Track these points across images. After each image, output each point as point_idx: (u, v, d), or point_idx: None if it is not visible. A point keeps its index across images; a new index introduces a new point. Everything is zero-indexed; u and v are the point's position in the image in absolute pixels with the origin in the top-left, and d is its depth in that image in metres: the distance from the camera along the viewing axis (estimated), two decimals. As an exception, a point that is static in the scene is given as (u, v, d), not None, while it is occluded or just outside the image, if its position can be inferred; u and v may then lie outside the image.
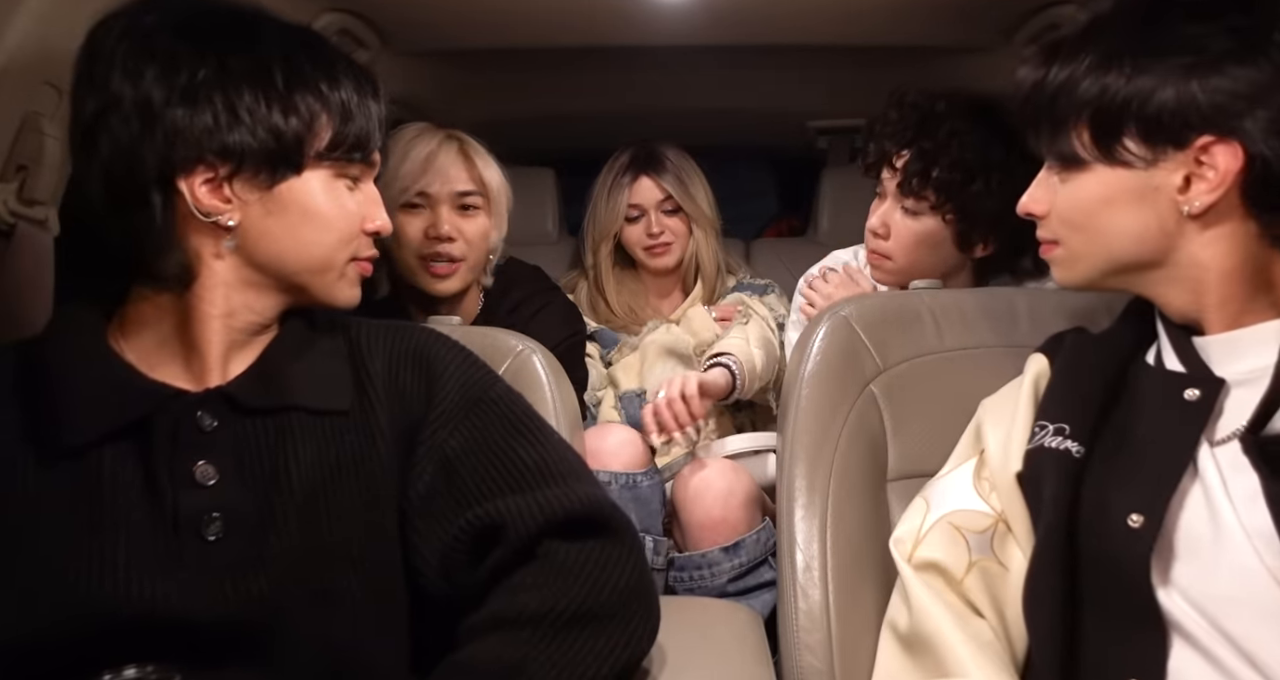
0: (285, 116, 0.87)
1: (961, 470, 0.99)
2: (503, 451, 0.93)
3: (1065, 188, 0.90)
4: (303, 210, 0.90)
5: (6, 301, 1.14)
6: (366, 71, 0.94)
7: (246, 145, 0.85)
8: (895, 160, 1.51)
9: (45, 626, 0.81)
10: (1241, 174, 0.82)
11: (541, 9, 1.69)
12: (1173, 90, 0.82)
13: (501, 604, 0.85)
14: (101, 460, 0.85)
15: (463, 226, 1.57)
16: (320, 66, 0.90)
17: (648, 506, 1.55)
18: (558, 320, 1.67)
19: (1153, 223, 0.86)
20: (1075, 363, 0.96)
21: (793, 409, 1.12)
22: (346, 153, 0.91)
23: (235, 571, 0.83)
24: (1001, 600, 0.92)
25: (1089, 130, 0.86)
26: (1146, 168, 0.85)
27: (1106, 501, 0.87)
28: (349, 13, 1.67)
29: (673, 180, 1.96)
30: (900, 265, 1.54)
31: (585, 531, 0.89)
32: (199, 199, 0.86)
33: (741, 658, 1.03)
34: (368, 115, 0.92)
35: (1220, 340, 0.88)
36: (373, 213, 0.95)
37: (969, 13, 1.67)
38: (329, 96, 0.89)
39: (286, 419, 0.90)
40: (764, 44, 1.91)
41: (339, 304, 0.95)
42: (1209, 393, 0.86)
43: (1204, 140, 0.82)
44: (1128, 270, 0.90)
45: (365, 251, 0.95)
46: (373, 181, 0.96)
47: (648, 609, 0.89)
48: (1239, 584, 0.81)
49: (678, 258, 2.00)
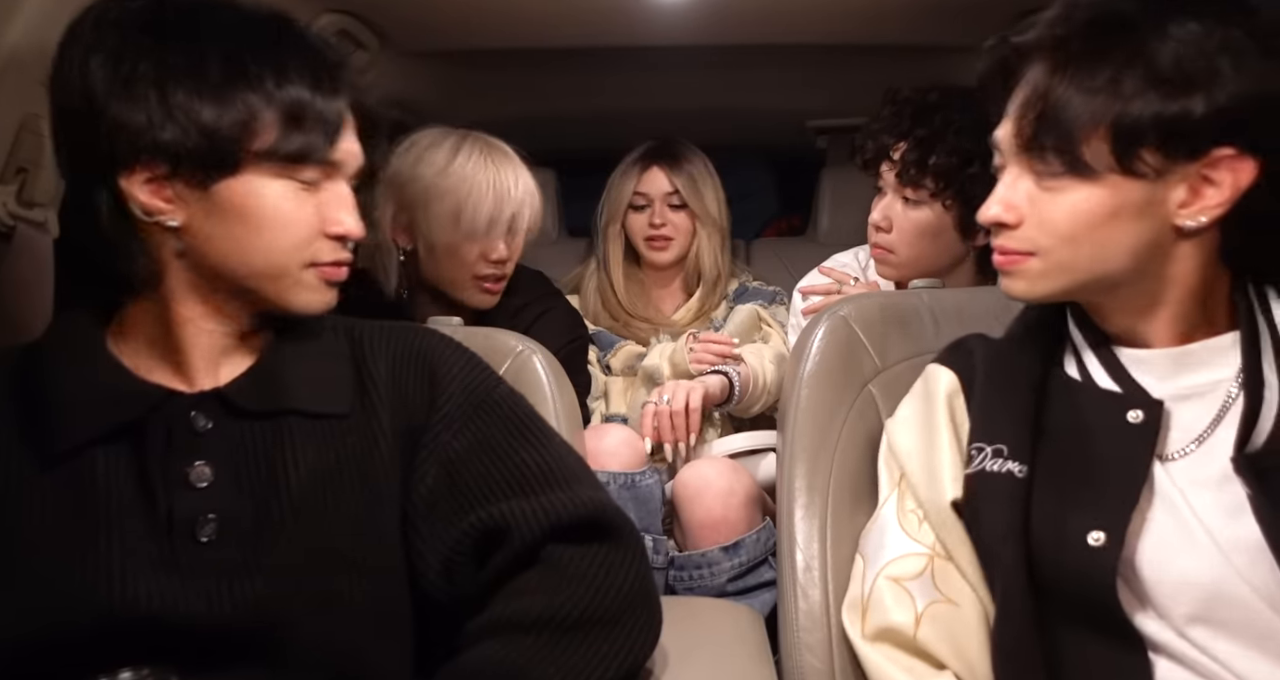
0: (219, 114, 0.82)
1: (885, 511, 0.97)
2: (506, 454, 0.92)
3: (1060, 198, 0.84)
4: (242, 213, 0.85)
5: (6, 303, 1.14)
6: (333, 67, 0.88)
7: (179, 144, 0.81)
8: (893, 153, 1.53)
9: (40, 628, 0.81)
10: (1248, 190, 0.80)
11: (541, 9, 1.69)
12: (1195, 102, 0.78)
13: (504, 608, 0.85)
14: (95, 462, 0.85)
15: (514, 246, 1.59)
16: (271, 61, 0.84)
17: (646, 506, 1.55)
18: (559, 326, 1.67)
19: (1147, 236, 0.83)
20: (998, 377, 0.93)
21: (792, 408, 1.12)
22: (295, 155, 0.85)
23: (231, 574, 0.83)
24: (959, 638, 0.90)
25: (1109, 141, 0.81)
26: (1155, 179, 0.81)
27: (1062, 522, 0.85)
28: (348, 13, 1.67)
29: (683, 176, 1.97)
30: (904, 258, 1.55)
31: (589, 536, 0.88)
32: (140, 199, 0.83)
33: (742, 657, 1.03)
34: (322, 115, 0.86)
35: (1163, 355, 0.87)
36: (336, 216, 0.89)
37: (968, 12, 1.67)
38: (275, 94, 0.83)
39: (285, 422, 0.89)
40: (763, 44, 1.91)
41: (302, 311, 0.90)
42: (1151, 415, 0.85)
43: (1220, 153, 0.79)
44: (1103, 284, 0.87)
45: (327, 256, 0.89)
46: (344, 180, 0.90)
47: (650, 613, 0.89)
48: (1214, 599, 0.81)
49: (677, 254, 2.00)
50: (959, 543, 0.91)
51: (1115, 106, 0.80)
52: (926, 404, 0.97)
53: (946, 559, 0.92)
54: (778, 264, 2.36)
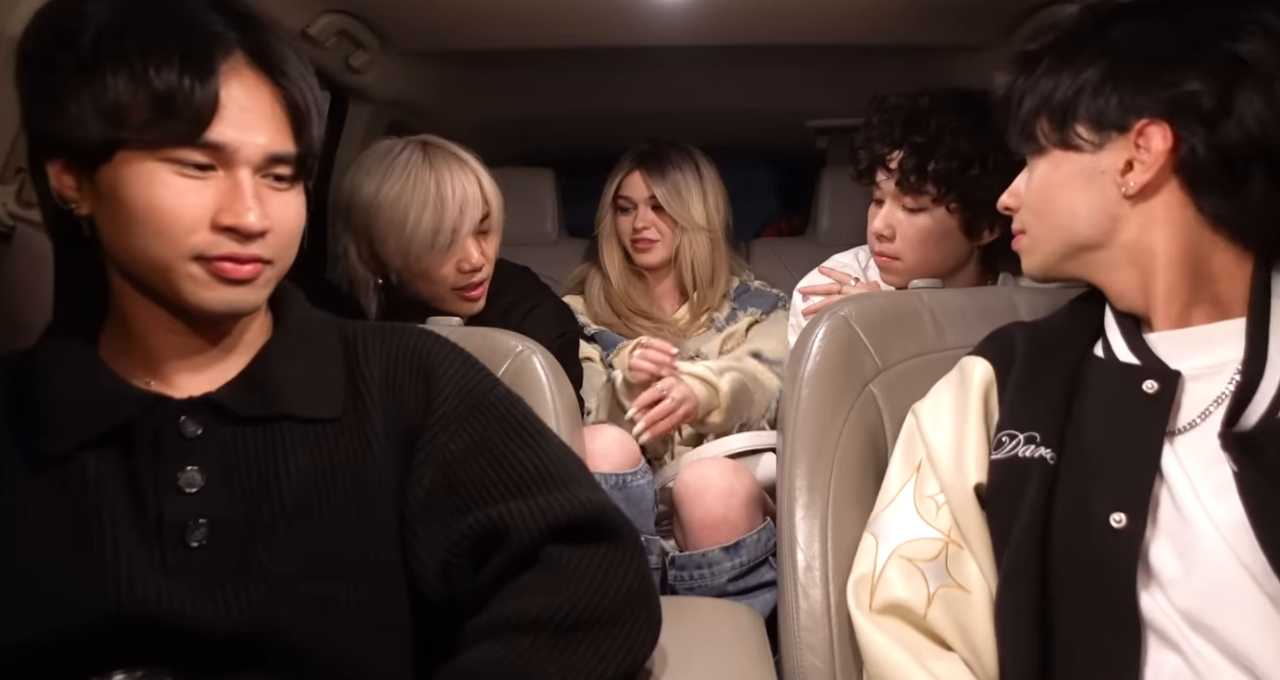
0: (91, 97, 0.80)
1: (901, 497, 0.98)
2: (503, 456, 0.92)
3: (1031, 177, 0.99)
4: (121, 201, 0.82)
5: (6, 303, 1.15)
6: (208, 48, 0.82)
7: (64, 131, 0.81)
8: (889, 161, 1.52)
9: (32, 633, 0.80)
10: (1172, 154, 0.89)
11: (541, 9, 1.69)
12: (1115, 81, 0.91)
13: (503, 609, 0.85)
14: (85, 467, 0.85)
15: (486, 250, 1.56)
16: (143, 39, 0.81)
17: (639, 506, 1.54)
18: (549, 321, 1.67)
19: (1098, 203, 0.93)
20: (1035, 366, 0.96)
21: (793, 408, 1.12)
22: (169, 138, 0.81)
23: (224, 578, 0.83)
24: (967, 625, 0.91)
25: (1047, 119, 0.95)
26: (1094, 151, 0.93)
27: (1086, 503, 0.87)
28: (348, 14, 1.67)
29: (665, 183, 1.95)
30: (910, 264, 1.55)
31: (587, 536, 0.88)
32: (55, 188, 0.84)
33: (742, 658, 1.03)
34: (200, 99, 0.81)
35: (1167, 337, 0.92)
36: (230, 205, 0.83)
37: (968, 12, 1.67)
38: (147, 77, 0.79)
39: (278, 426, 0.89)
40: (763, 44, 1.91)
41: (202, 309, 0.85)
42: (1167, 385, 0.88)
43: (1140, 123, 0.89)
44: (1079, 253, 0.96)
45: (217, 249, 0.83)
46: (246, 170, 0.84)
47: (650, 613, 0.89)
48: (1213, 578, 0.82)
49: (663, 256, 2.00)
50: (977, 529, 0.93)
51: (1049, 92, 0.95)
52: (961, 392, 0.99)
53: (961, 546, 0.93)
54: (778, 264, 2.36)
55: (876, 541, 0.98)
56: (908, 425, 1.03)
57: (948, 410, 0.99)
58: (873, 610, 0.94)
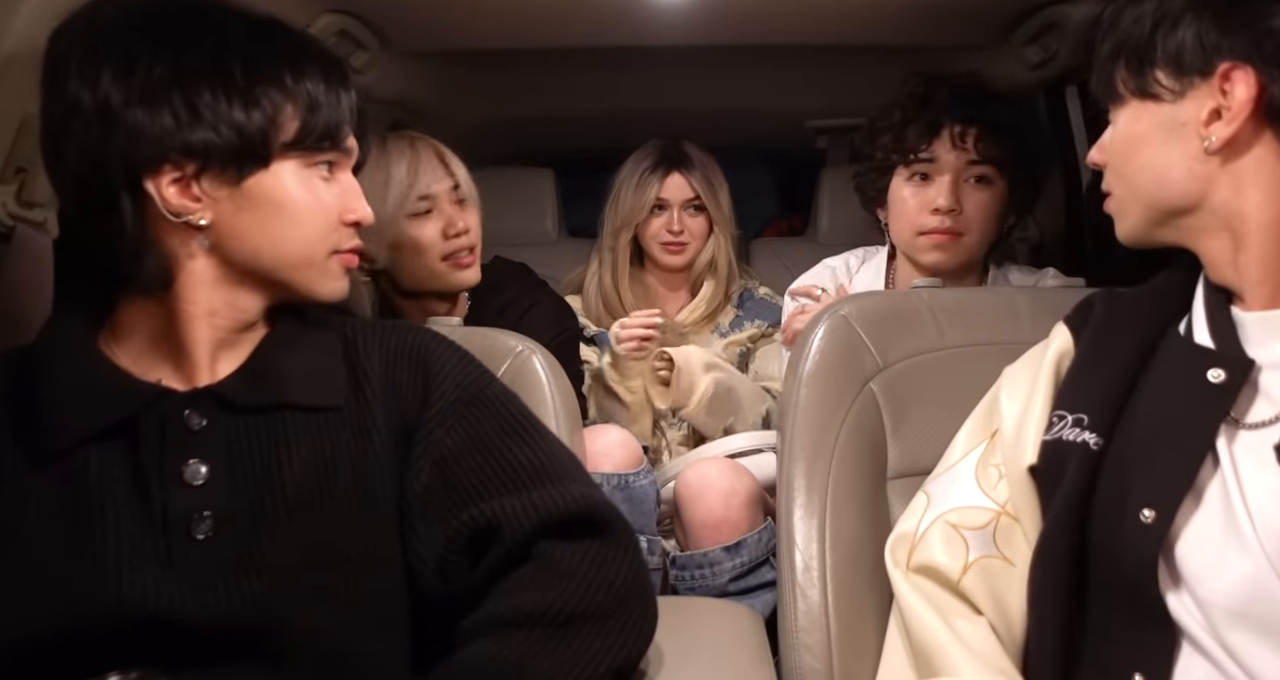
0: (247, 111, 0.85)
1: (965, 462, 0.96)
2: (499, 451, 0.92)
3: (1114, 131, 0.89)
4: (274, 204, 0.89)
5: (6, 303, 1.15)
6: (335, 60, 0.93)
7: (210, 142, 0.84)
8: (955, 135, 1.53)
9: (34, 628, 0.81)
10: (1258, 103, 0.79)
11: (541, 9, 1.69)
12: (1196, 19, 0.81)
13: (499, 605, 0.85)
14: (89, 461, 0.85)
15: (467, 219, 1.59)
16: (284, 58, 0.89)
17: (640, 506, 1.54)
18: (548, 318, 1.67)
19: (1177, 161, 0.83)
20: (1101, 343, 0.90)
21: (792, 407, 1.12)
22: (316, 142, 0.90)
23: (227, 571, 0.83)
24: (1004, 596, 0.90)
25: (1124, 64, 0.86)
26: (1175, 100, 0.83)
27: (1125, 493, 0.82)
28: (348, 14, 1.67)
29: (701, 180, 1.98)
30: (975, 239, 1.55)
31: (581, 532, 0.89)
32: (167, 199, 0.85)
33: (742, 658, 1.03)
34: (335, 104, 0.91)
35: (1258, 318, 0.82)
36: (351, 204, 0.94)
37: (968, 12, 1.67)
38: (293, 88, 0.88)
39: (280, 417, 0.89)
40: (763, 44, 1.91)
41: (323, 298, 0.94)
42: (1236, 374, 0.80)
43: (1224, 66, 0.80)
44: (1169, 218, 0.86)
45: (346, 244, 0.94)
46: (351, 172, 0.96)
47: (645, 608, 0.89)
48: (1242, 590, 0.76)
49: (690, 258, 2.01)
50: (1030, 507, 0.90)
51: (1125, 32, 0.86)
52: (1038, 364, 0.94)
53: (1015, 519, 0.91)
54: (777, 264, 2.36)
55: (929, 501, 0.97)
56: (993, 388, 0.99)
57: (1025, 379, 0.94)
58: (909, 568, 0.94)
